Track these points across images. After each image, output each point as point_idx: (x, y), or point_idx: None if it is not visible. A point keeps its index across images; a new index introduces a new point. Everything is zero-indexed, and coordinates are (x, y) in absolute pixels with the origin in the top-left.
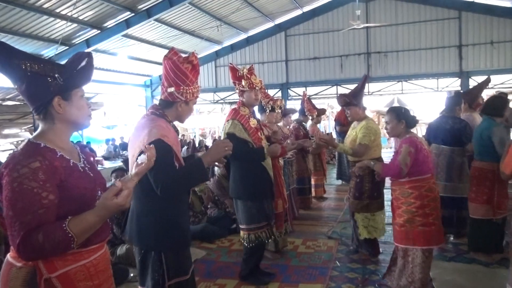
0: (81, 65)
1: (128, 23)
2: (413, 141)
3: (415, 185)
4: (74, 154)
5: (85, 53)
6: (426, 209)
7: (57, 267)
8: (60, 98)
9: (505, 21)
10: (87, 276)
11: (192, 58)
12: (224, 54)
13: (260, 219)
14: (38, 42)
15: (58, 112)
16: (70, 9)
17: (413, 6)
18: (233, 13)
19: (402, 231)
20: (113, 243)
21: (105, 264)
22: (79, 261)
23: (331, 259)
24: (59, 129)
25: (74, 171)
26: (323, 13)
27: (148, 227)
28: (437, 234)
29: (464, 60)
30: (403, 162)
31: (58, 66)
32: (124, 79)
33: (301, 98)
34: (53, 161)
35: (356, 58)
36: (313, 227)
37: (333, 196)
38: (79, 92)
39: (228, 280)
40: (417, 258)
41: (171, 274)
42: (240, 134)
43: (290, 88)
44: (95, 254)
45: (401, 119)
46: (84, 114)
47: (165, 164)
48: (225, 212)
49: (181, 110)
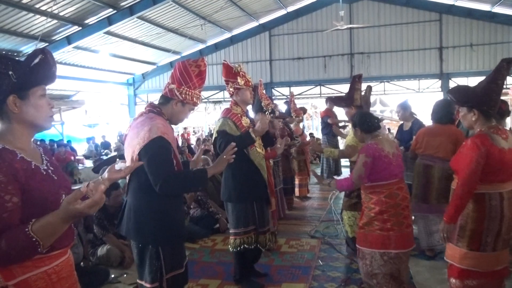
0: (34, 62)
1: (110, 20)
2: (370, 150)
3: (375, 191)
4: (36, 156)
5: (40, 49)
6: (385, 215)
7: (15, 275)
8: (16, 96)
9: (484, 24)
10: (48, 283)
11: (201, 63)
12: (208, 53)
13: (248, 222)
14: (17, 38)
15: (13, 112)
16: (50, 5)
17: (395, 8)
18: (217, 12)
19: (361, 234)
20: (94, 243)
21: (68, 270)
22: (39, 268)
23: (314, 258)
24: (17, 130)
25: (36, 174)
26: (307, 14)
27: (145, 222)
28: (397, 239)
29: (445, 62)
30: (356, 175)
31: (14, 62)
32: (106, 77)
33: (288, 99)
34: (13, 163)
35: (339, 59)
36: (296, 227)
37: (316, 196)
38: (39, 91)
39: (211, 280)
40: (376, 261)
41: (167, 268)
42: (231, 131)
43: (274, 87)
44: (57, 260)
45: (356, 126)
46: (43, 115)
47: (165, 162)
48: (208, 212)
49: (175, 108)
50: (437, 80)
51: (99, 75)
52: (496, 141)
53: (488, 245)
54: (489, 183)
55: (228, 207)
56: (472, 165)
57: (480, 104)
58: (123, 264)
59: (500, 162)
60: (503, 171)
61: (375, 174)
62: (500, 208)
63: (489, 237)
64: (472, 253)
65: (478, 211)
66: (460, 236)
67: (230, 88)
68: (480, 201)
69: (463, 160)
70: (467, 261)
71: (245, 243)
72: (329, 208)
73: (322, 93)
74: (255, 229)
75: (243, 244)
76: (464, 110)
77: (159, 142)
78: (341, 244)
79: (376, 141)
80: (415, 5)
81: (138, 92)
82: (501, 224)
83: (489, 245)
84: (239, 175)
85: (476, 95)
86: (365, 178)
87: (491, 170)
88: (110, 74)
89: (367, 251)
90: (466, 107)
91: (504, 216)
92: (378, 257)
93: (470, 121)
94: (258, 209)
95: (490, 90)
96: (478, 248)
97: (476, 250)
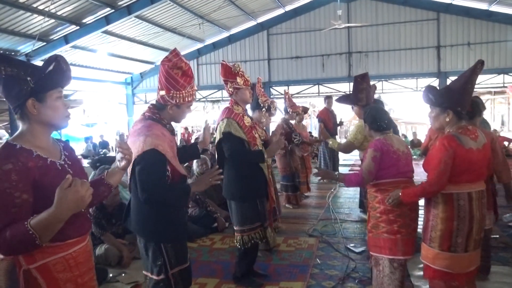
0: (48, 69)
1: (108, 19)
2: (378, 144)
3: (380, 189)
4: (55, 152)
5: (53, 56)
6: (390, 215)
7: (36, 259)
8: (34, 100)
9: (481, 23)
10: (66, 267)
11: (182, 64)
12: (206, 52)
13: (254, 219)
14: (14, 37)
15: (32, 114)
16: (48, 4)
17: (393, 7)
18: (215, 11)
19: (370, 238)
20: (92, 243)
21: (86, 256)
22: (57, 254)
23: (312, 257)
24: (36, 129)
25: (51, 170)
26: (305, 13)
27: (147, 220)
28: (404, 244)
29: (442, 61)
30: (366, 170)
31: (32, 69)
32: (104, 76)
33: (283, 97)
34: (27, 162)
35: (337, 58)
36: (294, 225)
37: (315, 194)
38: (55, 94)
39: (209, 279)
40: (386, 268)
41: (173, 263)
42: (236, 133)
43: (272, 86)
44: (75, 247)
45: (365, 122)
46: (59, 115)
47: (153, 175)
48: (206, 211)
49: (173, 113)
50: (435, 78)
51: (97, 74)
52: (464, 141)
53: (459, 245)
54: (457, 183)
55: (232, 206)
56: (440, 166)
57: (456, 105)
58: (121, 263)
59: (467, 163)
60: (470, 171)
61: (382, 171)
62: (469, 208)
63: (459, 237)
64: (444, 253)
65: (446, 211)
66: (432, 236)
67: (230, 88)
68: (448, 201)
69: (432, 161)
70: (439, 262)
71: (254, 239)
72: (327, 206)
73: (320, 92)
74: (261, 225)
75: (252, 240)
76: (436, 110)
77: (151, 153)
78: (339, 242)
79: (385, 137)
80: (413, 4)
81: (136, 92)
82: (471, 225)
83: (459, 246)
84: (244, 174)
85: (453, 96)
86: (375, 173)
87: (458, 170)
88: (108, 73)
89: (379, 256)
90: (440, 108)
91: (473, 217)
92: (387, 264)
93: (442, 122)
94: (261, 206)
95: (466, 90)
96: (449, 249)
97: (446, 250)
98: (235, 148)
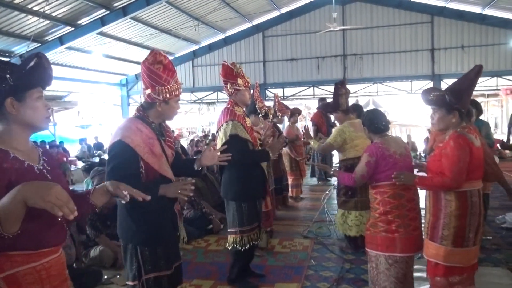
0: (29, 66)
1: (103, 21)
2: (373, 149)
3: (379, 191)
4: (33, 156)
5: (35, 53)
6: (389, 216)
7: (4, 268)
8: (13, 99)
9: (475, 26)
10: (37, 279)
11: (161, 58)
12: (202, 54)
13: (253, 220)
14: (9, 38)
15: (11, 113)
16: (43, 5)
17: (387, 10)
18: (210, 13)
19: (368, 235)
20: (87, 245)
21: (59, 268)
22: (28, 263)
23: (307, 258)
24: (14, 130)
25: (28, 173)
26: (301, 15)
27: (125, 221)
28: (403, 243)
29: (436, 64)
30: (358, 174)
31: (11, 66)
32: (99, 77)
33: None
34: (2, 163)
35: (332, 60)
36: (289, 227)
37: (309, 196)
38: (35, 94)
39: (204, 281)
40: (381, 264)
41: (147, 268)
42: (243, 135)
43: (268, 89)
44: (48, 258)
45: (364, 125)
46: (40, 116)
47: (118, 165)
48: (201, 212)
49: (162, 109)
50: (429, 81)
51: (92, 75)
52: (472, 140)
53: (470, 240)
54: (470, 180)
55: (230, 206)
56: (460, 164)
57: (464, 106)
58: (116, 265)
59: (478, 160)
60: (480, 168)
61: (379, 174)
62: (479, 204)
63: (471, 232)
64: (457, 249)
65: (461, 208)
66: (444, 234)
67: (230, 89)
68: (463, 199)
69: (448, 161)
70: (452, 258)
71: (253, 239)
72: (321, 208)
73: (315, 94)
74: (258, 225)
75: (251, 241)
76: (442, 111)
77: (116, 145)
78: (333, 244)
79: (382, 140)
80: (407, 7)
81: (131, 93)
82: (479, 219)
83: (470, 240)
84: (245, 174)
85: (463, 97)
86: (368, 177)
87: (471, 167)
88: (103, 74)
89: (373, 253)
90: (446, 109)
91: (481, 212)
92: (383, 260)
93: (448, 123)
94: (259, 206)
95: (470, 92)
96: (462, 244)
97: (460, 246)
98: (245, 150)
